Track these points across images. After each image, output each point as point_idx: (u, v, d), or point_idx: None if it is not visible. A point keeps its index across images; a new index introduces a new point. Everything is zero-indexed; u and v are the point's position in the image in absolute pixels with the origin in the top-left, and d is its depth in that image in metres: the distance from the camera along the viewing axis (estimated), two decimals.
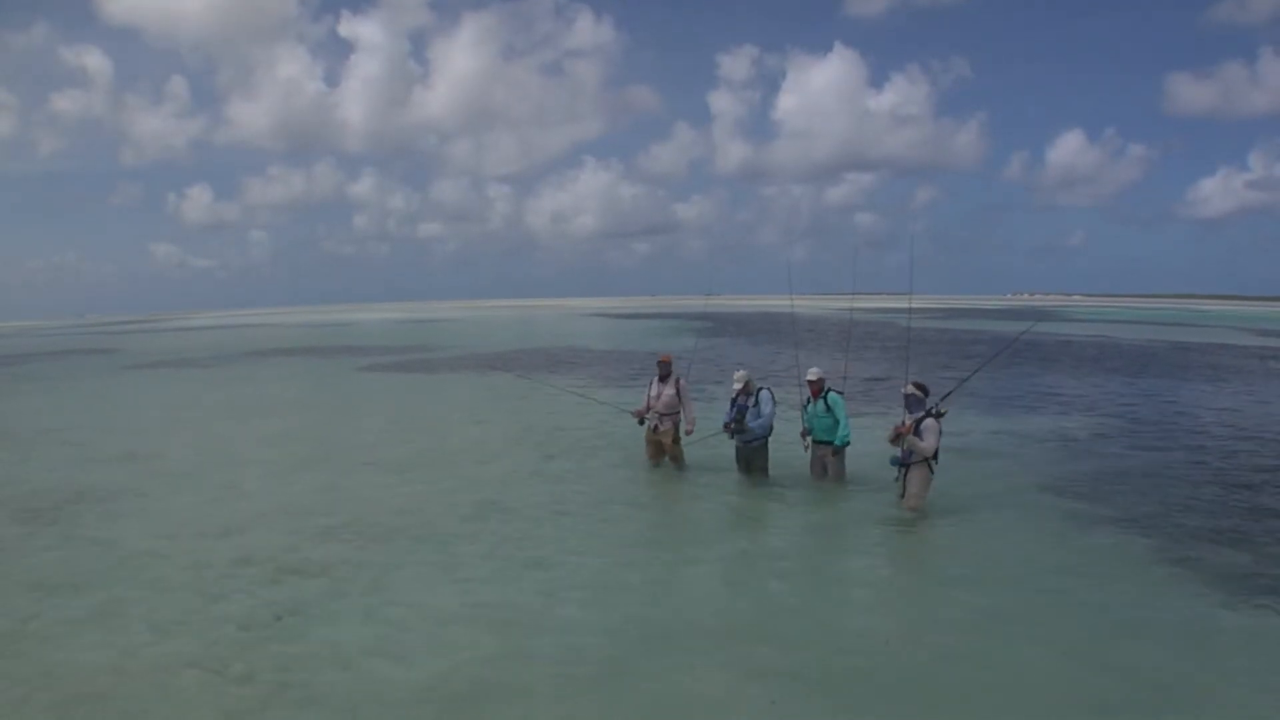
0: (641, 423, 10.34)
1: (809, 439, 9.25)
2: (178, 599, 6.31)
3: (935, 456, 8.17)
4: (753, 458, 9.66)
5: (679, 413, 10.05)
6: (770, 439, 9.61)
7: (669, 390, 9.99)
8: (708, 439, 10.24)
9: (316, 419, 15.94)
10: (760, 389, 9.60)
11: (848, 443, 9.12)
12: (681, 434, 10.13)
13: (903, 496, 8.30)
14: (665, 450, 10.17)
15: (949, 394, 8.44)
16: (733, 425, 9.56)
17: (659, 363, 10.25)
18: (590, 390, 17.12)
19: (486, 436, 13.04)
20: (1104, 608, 6.05)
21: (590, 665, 5.16)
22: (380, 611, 6.01)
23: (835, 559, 7.40)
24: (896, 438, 8.18)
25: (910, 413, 8.26)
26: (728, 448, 10.07)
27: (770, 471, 9.60)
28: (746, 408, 9.49)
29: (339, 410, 17.38)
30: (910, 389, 8.30)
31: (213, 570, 6.93)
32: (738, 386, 9.58)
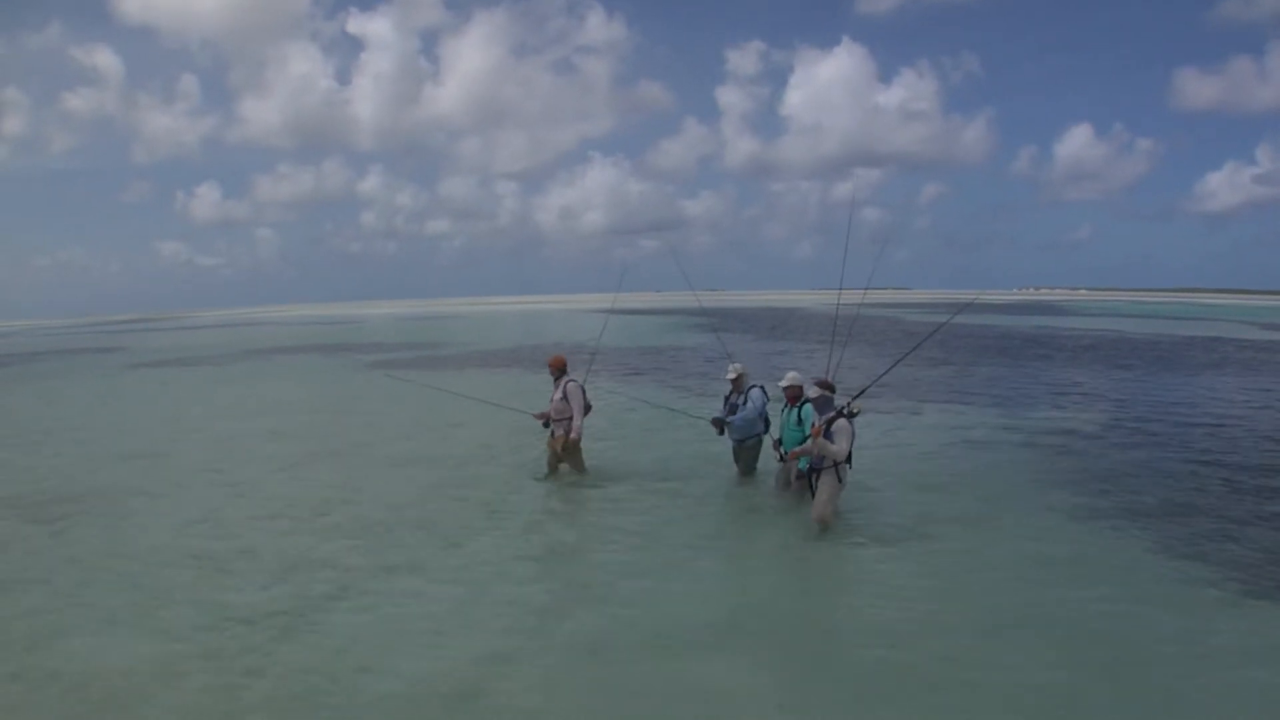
0: (545, 426, 9.97)
1: (782, 449, 8.63)
2: (183, 597, 6.38)
3: (849, 461, 7.60)
4: (741, 455, 9.46)
5: (571, 418, 9.58)
6: (765, 437, 9.34)
7: (557, 394, 9.61)
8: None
9: (322, 417, 16.02)
10: (752, 387, 9.30)
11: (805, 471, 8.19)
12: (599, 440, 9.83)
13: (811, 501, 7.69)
14: (560, 457, 9.77)
15: (861, 392, 7.83)
16: (718, 422, 9.32)
17: (549, 367, 9.85)
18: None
19: (491, 435, 13.09)
20: (1103, 606, 6.06)
21: (595, 665, 5.20)
22: (386, 610, 6.07)
23: (832, 558, 7.29)
24: (804, 440, 7.69)
25: (819, 414, 7.65)
26: (716, 446, 9.98)
27: (758, 471, 9.36)
28: (738, 405, 9.25)
29: (345, 408, 17.45)
30: (814, 390, 7.69)
31: (218, 568, 7.00)
32: (730, 377, 9.35)
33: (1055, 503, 8.74)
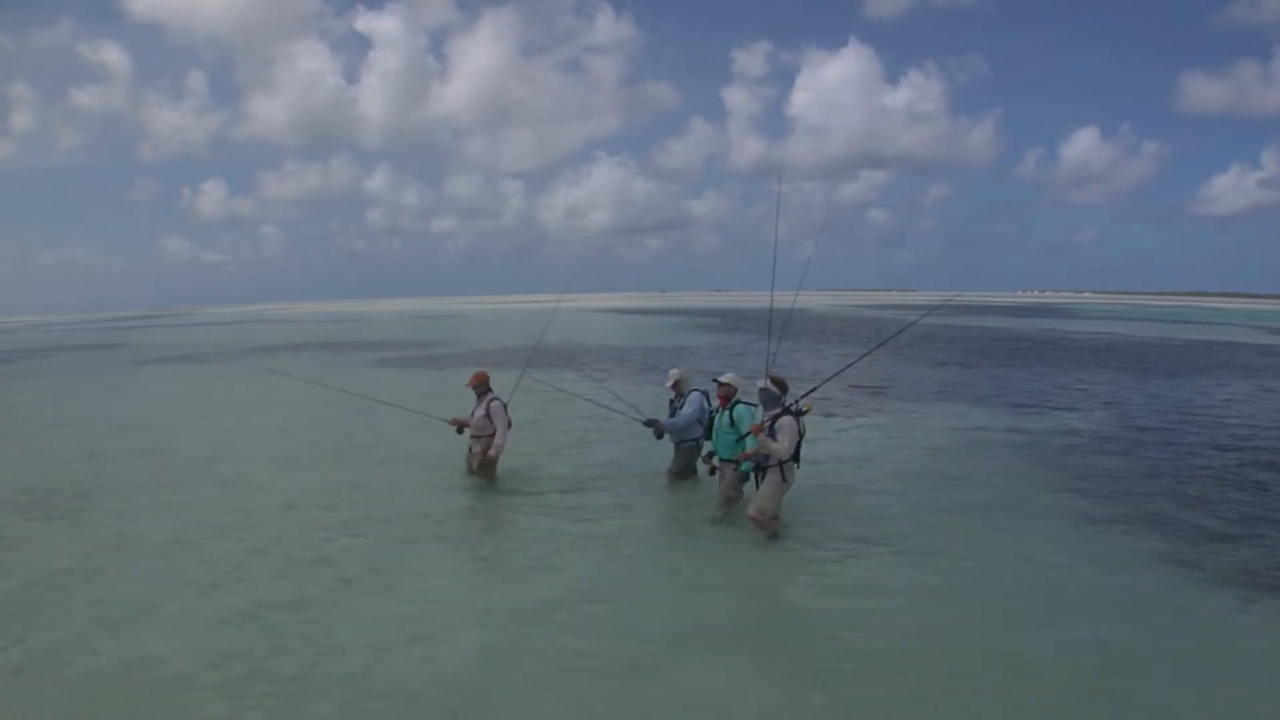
0: (459, 432, 9.81)
1: (714, 459, 8.24)
2: (188, 594, 6.40)
3: (797, 460, 7.30)
4: (678, 458, 9.34)
5: (493, 435, 9.48)
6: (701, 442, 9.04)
7: (480, 411, 9.53)
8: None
9: (327, 414, 16.03)
10: (692, 391, 9.20)
11: (749, 473, 7.83)
12: (507, 457, 9.67)
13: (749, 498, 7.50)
14: (477, 472, 9.69)
15: (812, 390, 7.55)
16: (652, 423, 9.13)
17: (471, 384, 9.72)
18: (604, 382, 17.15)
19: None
20: (1105, 612, 6.05)
21: (598, 665, 5.20)
22: (391, 608, 6.08)
23: (832, 561, 7.19)
24: (744, 436, 7.53)
25: (765, 410, 7.42)
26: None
27: (698, 478, 9.13)
28: (678, 410, 9.12)
29: (349, 405, 17.47)
30: (765, 384, 7.45)
31: (223, 565, 7.02)
32: (669, 383, 9.28)
33: (1056, 506, 8.71)
